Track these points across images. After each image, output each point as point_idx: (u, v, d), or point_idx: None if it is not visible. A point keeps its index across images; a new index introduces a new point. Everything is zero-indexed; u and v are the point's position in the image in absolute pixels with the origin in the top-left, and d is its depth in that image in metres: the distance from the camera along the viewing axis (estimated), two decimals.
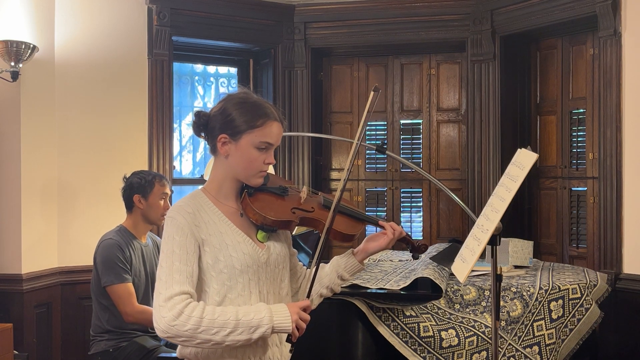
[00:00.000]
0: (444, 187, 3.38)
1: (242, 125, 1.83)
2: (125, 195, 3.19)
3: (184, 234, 1.77)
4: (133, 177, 3.20)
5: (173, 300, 1.70)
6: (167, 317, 1.69)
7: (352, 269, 2.05)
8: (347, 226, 2.00)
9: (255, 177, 1.87)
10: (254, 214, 1.87)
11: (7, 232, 3.71)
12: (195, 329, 1.68)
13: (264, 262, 1.86)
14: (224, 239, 1.82)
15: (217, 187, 1.89)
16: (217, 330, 1.70)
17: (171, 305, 1.70)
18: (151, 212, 3.17)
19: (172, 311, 1.69)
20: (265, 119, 1.84)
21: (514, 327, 2.72)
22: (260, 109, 1.85)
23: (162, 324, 1.70)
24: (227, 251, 1.81)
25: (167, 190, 3.23)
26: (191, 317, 1.69)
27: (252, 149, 1.83)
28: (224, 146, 1.84)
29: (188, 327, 1.68)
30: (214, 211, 1.85)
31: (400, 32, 4.62)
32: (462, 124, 4.74)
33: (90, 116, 4.06)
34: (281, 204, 1.92)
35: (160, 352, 3.10)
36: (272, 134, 1.85)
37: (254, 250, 1.85)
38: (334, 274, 2.04)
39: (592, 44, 4.06)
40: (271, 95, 4.73)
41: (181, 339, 1.71)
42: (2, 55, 3.52)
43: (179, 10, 4.30)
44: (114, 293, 3.03)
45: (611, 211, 3.71)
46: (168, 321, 1.69)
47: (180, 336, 1.70)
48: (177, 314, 1.69)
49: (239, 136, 1.83)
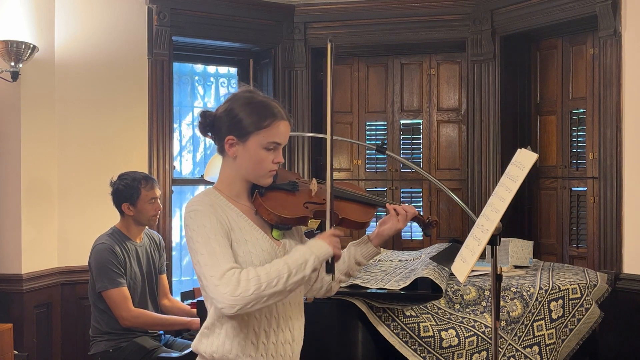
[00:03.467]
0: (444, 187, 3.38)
1: (249, 126, 1.81)
2: (114, 202, 3.18)
3: (213, 221, 1.77)
4: (119, 182, 3.16)
5: (226, 276, 1.69)
6: (228, 291, 1.68)
7: (370, 254, 2.05)
8: (359, 214, 1.99)
9: (265, 177, 1.87)
10: (267, 214, 1.85)
11: (7, 232, 3.71)
12: (259, 289, 1.68)
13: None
14: (244, 234, 1.82)
15: (229, 186, 1.88)
16: (277, 281, 1.69)
17: (226, 280, 1.69)
18: (141, 216, 3.17)
19: (230, 285, 1.68)
20: (272, 119, 1.83)
21: (514, 327, 2.72)
22: (267, 109, 1.84)
23: (226, 299, 1.68)
24: (247, 247, 1.81)
25: (155, 194, 3.19)
26: (250, 280, 1.68)
27: (260, 149, 1.82)
28: (231, 148, 1.83)
29: (252, 290, 1.67)
30: (230, 208, 1.84)
31: (400, 32, 4.62)
32: (462, 124, 4.74)
33: (90, 116, 4.06)
34: (293, 200, 1.91)
35: (160, 352, 3.11)
36: (280, 134, 1.84)
37: (271, 247, 1.85)
38: (351, 260, 2.04)
39: (592, 44, 4.06)
40: (271, 95, 4.71)
41: (251, 304, 1.68)
42: (2, 55, 3.52)
43: (179, 10, 4.29)
44: (109, 298, 3.03)
45: (611, 211, 3.71)
46: (231, 293, 1.67)
47: (249, 302, 1.68)
48: (236, 283, 1.68)
49: (246, 137, 1.82)
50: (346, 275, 2.06)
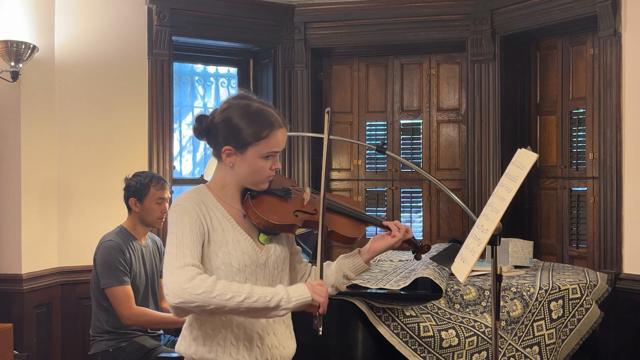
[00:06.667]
0: (444, 187, 3.38)
1: (247, 137, 1.81)
2: (124, 198, 3.19)
3: (193, 219, 1.77)
4: (132, 179, 3.19)
5: (186, 268, 1.68)
6: (179, 281, 1.66)
7: (358, 269, 2.03)
8: (349, 228, 1.97)
9: (262, 183, 1.88)
10: (256, 217, 1.85)
11: (7, 232, 3.71)
12: (209, 293, 1.65)
13: (262, 262, 1.86)
14: (225, 235, 1.82)
15: (221, 188, 1.89)
16: (232, 296, 1.66)
17: (183, 272, 1.67)
18: (147, 215, 3.16)
19: (184, 276, 1.66)
20: (270, 129, 1.82)
21: (514, 327, 2.72)
22: (264, 119, 1.83)
23: (174, 289, 1.65)
24: (227, 248, 1.81)
25: (164, 195, 3.19)
26: (205, 281, 1.66)
27: (258, 159, 1.83)
28: (228, 157, 1.83)
29: (201, 291, 1.65)
30: (217, 208, 1.85)
31: (400, 32, 4.62)
32: (462, 124, 4.74)
33: (90, 116, 4.06)
34: (284, 207, 1.90)
35: (160, 352, 3.11)
36: (278, 143, 1.84)
37: (253, 250, 1.84)
38: (339, 273, 2.03)
39: (592, 44, 4.06)
40: (271, 95, 4.73)
41: (194, 305, 1.65)
42: (2, 55, 3.52)
43: (179, 10, 4.29)
44: (112, 295, 3.03)
45: (611, 211, 3.71)
46: (181, 284, 1.65)
47: (193, 301, 1.65)
48: (191, 278, 1.66)
49: (244, 149, 1.82)
50: (334, 289, 2.05)
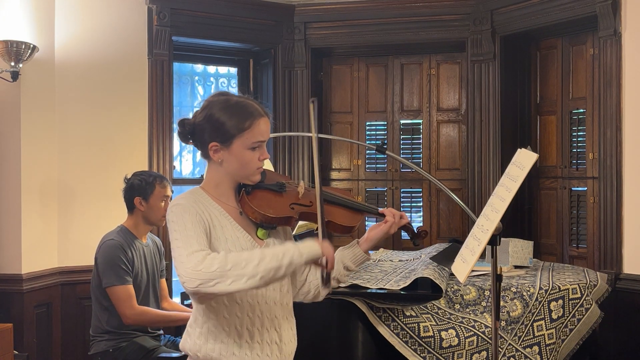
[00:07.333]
0: (444, 187, 3.38)
1: (231, 130, 1.82)
2: (126, 197, 3.20)
3: (193, 214, 1.78)
4: (134, 178, 3.20)
5: (194, 254, 1.67)
6: (191, 265, 1.65)
7: (358, 259, 2.03)
8: (346, 218, 1.98)
9: (253, 175, 1.89)
10: (252, 212, 1.87)
11: (7, 232, 3.71)
12: (223, 266, 1.64)
13: None
14: (224, 232, 1.83)
15: (215, 187, 1.90)
16: (245, 263, 1.65)
17: (194, 256, 1.67)
18: (152, 213, 3.18)
19: (194, 260, 1.65)
20: (252, 119, 1.84)
21: (514, 327, 2.72)
22: (244, 110, 1.85)
23: (188, 273, 1.64)
24: (226, 245, 1.81)
25: (168, 193, 3.23)
26: (216, 258, 1.66)
27: (245, 151, 1.84)
28: (216, 153, 1.85)
29: (215, 267, 1.63)
30: (214, 206, 1.86)
31: (400, 32, 4.62)
32: (462, 124, 4.74)
33: (90, 116, 4.06)
34: (279, 201, 1.92)
35: (160, 352, 3.11)
36: (261, 132, 1.86)
37: (252, 245, 1.85)
38: (339, 264, 2.02)
39: (592, 44, 4.06)
40: (271, 95, 4.73)
41: (213, 283, 1.63)
42: (2, 55, 3.52)
43: (179, 10, 4.29)
44: (113, 294, 3.04)
45: (611, 211, 3.71)
46: (194, 266, 1.64)
47: (210, 279, 1.63)
48: (201, 259, 1.65)
49: (229, 142, 1.83)
50: (335, 280, 2.04)
